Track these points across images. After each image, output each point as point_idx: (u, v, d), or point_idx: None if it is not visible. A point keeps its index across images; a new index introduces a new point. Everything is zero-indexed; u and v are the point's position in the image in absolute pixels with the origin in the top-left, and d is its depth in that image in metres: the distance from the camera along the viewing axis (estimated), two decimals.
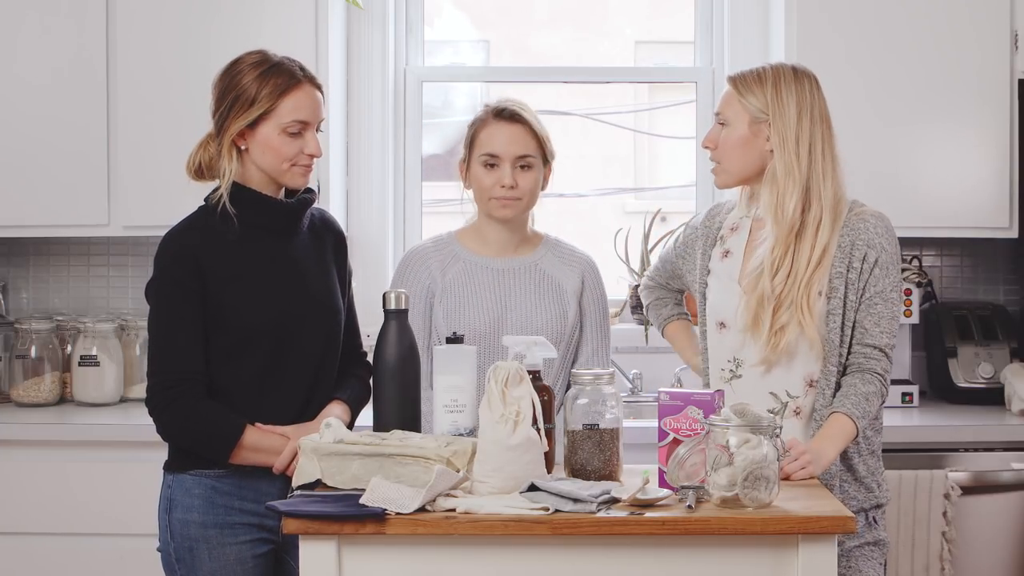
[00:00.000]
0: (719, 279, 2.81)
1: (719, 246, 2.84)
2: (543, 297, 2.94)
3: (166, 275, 2.63)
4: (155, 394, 2.62)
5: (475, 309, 2.91)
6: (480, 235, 2.98)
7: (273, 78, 2.64)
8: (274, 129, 2.63)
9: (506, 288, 2.94)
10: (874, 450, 2.74)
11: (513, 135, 2.90)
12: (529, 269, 2.96)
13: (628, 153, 5.72)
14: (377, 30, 4.07)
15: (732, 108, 2.76)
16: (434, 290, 2.93)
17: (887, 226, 2.75)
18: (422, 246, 3.02)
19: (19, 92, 3.75)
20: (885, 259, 2.71)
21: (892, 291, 2.72)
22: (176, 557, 2.64)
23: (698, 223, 2.94)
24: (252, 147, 2.65)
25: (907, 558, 3.40)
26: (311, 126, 2.67)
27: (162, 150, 3.68)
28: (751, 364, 2.71)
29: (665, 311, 3.09)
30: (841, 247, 2.70)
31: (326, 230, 2.80)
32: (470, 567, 2.23)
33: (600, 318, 3.01)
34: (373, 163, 4.07)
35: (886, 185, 3.71)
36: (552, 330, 2.89)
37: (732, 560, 2.22)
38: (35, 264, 4.15)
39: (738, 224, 2.84)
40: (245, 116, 2.62)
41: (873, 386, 2.66)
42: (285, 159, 2.65)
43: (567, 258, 3.01)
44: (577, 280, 2.98)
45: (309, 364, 2.69)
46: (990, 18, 3.72)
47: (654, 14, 4.93)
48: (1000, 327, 3.92)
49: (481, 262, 2.95)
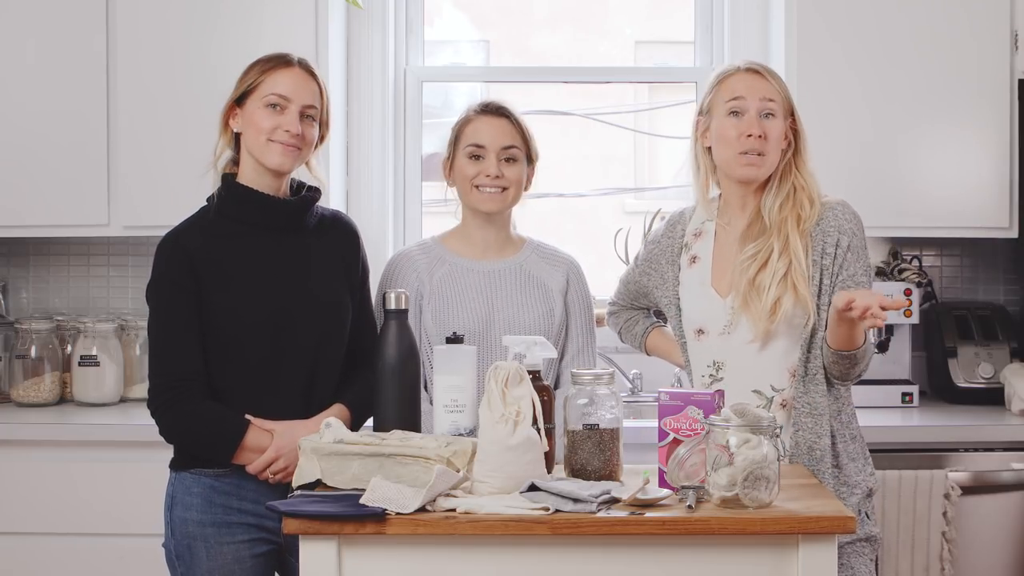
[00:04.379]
0: (690, 287, 2.82)
1: (685, 253, 2.85)
2: (529, 296, 2.95)
3: (163, 277, 2.64)
4: (156, 396, 2.63)
5: (463, 310, 2.91)
6: (465, 236, 3.00)
7: (266, 60, 2.71)
8: (257, 103, 2.67)
9: (493, 289, 2.95)
10: (855, 435, 2.76)
11: (499, 127, 2.94)
12: (514, 270, 2.98)
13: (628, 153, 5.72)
14: (377, 30, 4.07)
15: (778, 99, 2.75)
16: (422, 292, 2.94)
17: (853, 212, 2.77)
18: (407, 250, 3.04)
19: (19, 92, 3.75)
20: (855, 243, 2.73)
21: (863, 275, 2.73)
22: (176, 554, 2.66)
23: (659, 236, 2.94)
24: (243, 128, 2.69)
25: (907, 558, 3.40)
26: (293, 104, 2.68)
27: (163, 150, 3.68)
28: (746, 341, 2.72)
29: (639, 328, 3.09)
30: (813, 237, 2.72)
31: (336, 229, 2.80)
32: (470, 567, 2.23)
33: (586, 318, 3.03)
34: (373, 163, 4.07)
35: (886, 185, 3.71)
36: (539, 329, 2.91)
37: (732, 560, 2.22)
38: (35, 264, 4.15)
39: (701, 229, 2.85)
40: (235, 93, 2.69)
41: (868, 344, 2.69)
42: (263, 132, 2.66)
43: (551, 258, 3.03)
44: (562, 279, 3.00)
45: (307, 363, 2.68)
46: (990, 18, 3.72)
47: (654, 14, 4.93)
48: (1000, 327, 3.91)
49: (467, 264, 2.97)
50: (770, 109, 2.74)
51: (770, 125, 2.73)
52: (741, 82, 2.76)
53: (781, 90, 2.77)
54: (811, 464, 2.68)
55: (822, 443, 2.69)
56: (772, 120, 2.74)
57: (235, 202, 2.66)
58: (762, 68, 2.79)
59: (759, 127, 2.72)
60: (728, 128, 2.74)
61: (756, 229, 2.76)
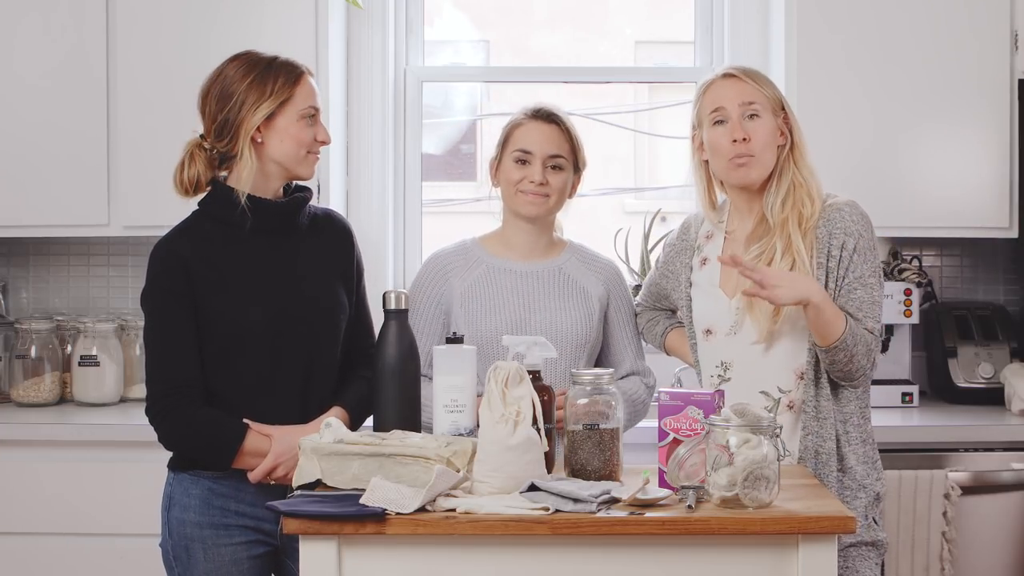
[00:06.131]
0: (700, 287, 2.84)
1: (697, 255, 2.87)
2: (568, 300, 2.94)
3: (156, 284, 2.64)
4: (153, 404, 2.63)
5: (497, 312, 2.90)
6: (504, 239, 2.99)
7: (281, 69, 2.67)
8: (293, 116, 2.66)
9: (529, 291, 2.93)
10: (865, 438, 2.74)
11: (548, 134, 2.92)
12: (554, 273, 2.96)
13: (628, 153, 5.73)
14: (377, 30, 4.06)
15: (760, 99, 2.75)
16: (451, 299, 2.92)
17: (861, 212, 2.75)
18: (443, 252, 3.02)
19: (19, 92, 3.75)
20: (863, 245, 2.71)
21: (871, 276, 2.71)
22: (173, 555, 2.66)
23: (674, 239, 2.97)
24: (269, 139, 2.65)
25: (907, 558, 3.40)
26: (320, 113, 2.71)
27: (162, 150, 3.65)
28: (751, 342, 2.73)
29: (659, 327, 3.09)
30: (819, 238, 2.71)
31: (330, 228, 2.79)
32: (470, 567, 2.23)
33: (632, 326, 3.03)
34: (373, 163, 4.07)
35: (886, 185, 3.71)
36: (578, 333, 2.90)
37: (732, 560, 2.22)
38: (35, 264, 4.15)
39: (712, 232, 2.87)
40: (267, 106, 2.63)
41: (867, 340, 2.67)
42: (303, 145, 2.67)
43: (592, 264, 3.01)
44: (602, 288, 2.98)
45: (305, 365, 2.68)
46: (990, 18, 3.72)
47: (654, 14, 4.94)
48: (1000, 327, 3.91)
49: (503, 265, 2.95)
50: (751, 111, 2.75)
51: (754, 126, 2.74)
52: (720, 90, 2.78)
53: (762, 89, 2.76)
54: (817, 467, 2.67)
55: (827, 446, 2.68)
56: (756, 121, 2.74)
57: (226, 206, 2.65)
58: (739, 71, 2.79)
59: (741, 131, 2.73)
60: (715, 138, 2.76)
61: (761, 230, 2.77)
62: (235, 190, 2.65)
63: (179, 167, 2.68)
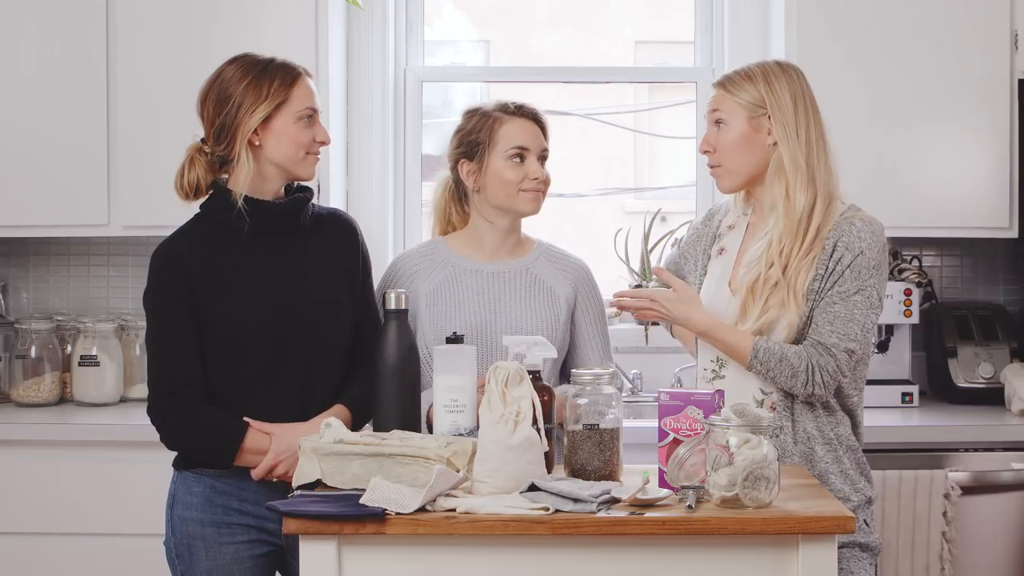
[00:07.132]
0: (712, 278, 2.84)
1: (717, 243, 2.87)
2: (534, 300, 2.93)
3: (157, 285, 2.65)
4: (154, 404, 2.64)
5: (462, 313, 2.89)
6: (475, 238, 2.97)
7: (277, 71, 2.67)
8: (290, 118, 2.66)
9: (495, 291, 2.93)
10: (852, 446, 2.72)
11: (534, 129, 2.94)
12: (520, 273, 2.95)
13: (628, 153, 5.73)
14: (377, 30, 4.07)
15: (727, 105, 2.75)
16: (416, 301, 2.90)
17: (873, 231, 2.69)
18: (407, 254, 3.01)
19: (19, 92, 3.75)
20: (861, 263, 2.65)
21: (857, 294, 2.65)
22: (176, 553, 2.68)
23: (699, 223, 2.98)
24: (267, 141, 2.65)
25: (907, 558, 3.40)
26: (318, 114, 2.71)
27: (162, 150, 3.66)
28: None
29: None
30: (824, 248, 2.69)
31: (334, 227, 2.79)
32: (470, 567, 2.23)
33: (600, 326, 3.02)
34: (373, 163, 4.07)
35: (886, 185, 3.71)
36: (543, 334, 2.88)
37: (732, 560, 2.22)
38: (35, 264, 4.15)
39: (735, 223, 2.86)
40: (263, 109, 2.63)
41: (799, 362, 2.62)
42: (302, 147, 2.67)
43: (560, 263, 3.00)
44: (570, 288, 2.97)
45: (306, 365, 2.68)
46: (990, 18, 3.72)
47: (654, 14, 4.94)
48: (1000, 327, 3.91)
49: (469, 265, 2.94)
50: (717, 118, 2.77)
51: (718, 135, 2.76)
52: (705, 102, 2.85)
53: (733, 95, 2.75)
54: (810, 472, 2.66)
55: (793, 450, 2.68)
56: (722, 127, 2.76)
57: (225, 208, 2.66)
58: (723, 77, 2.82)
59: (705, 143, 2.78)
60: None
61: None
62: (233, 193, 2.65)
63: (180, 172, 2.69)
